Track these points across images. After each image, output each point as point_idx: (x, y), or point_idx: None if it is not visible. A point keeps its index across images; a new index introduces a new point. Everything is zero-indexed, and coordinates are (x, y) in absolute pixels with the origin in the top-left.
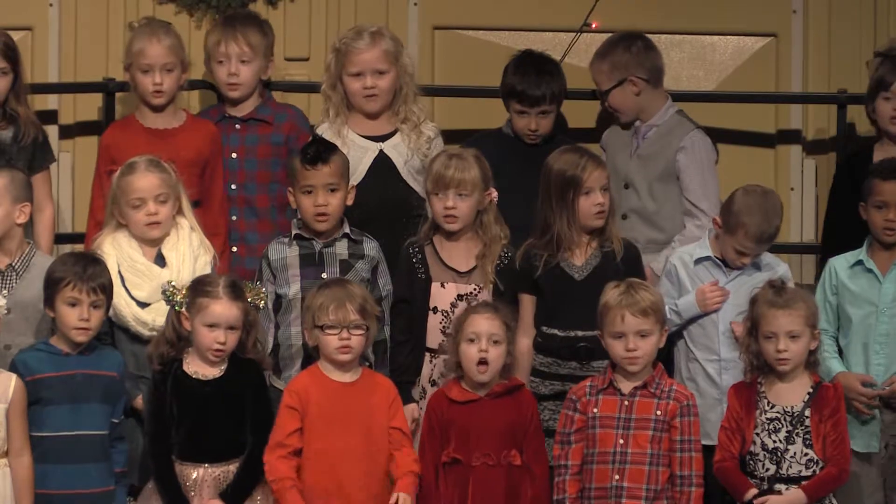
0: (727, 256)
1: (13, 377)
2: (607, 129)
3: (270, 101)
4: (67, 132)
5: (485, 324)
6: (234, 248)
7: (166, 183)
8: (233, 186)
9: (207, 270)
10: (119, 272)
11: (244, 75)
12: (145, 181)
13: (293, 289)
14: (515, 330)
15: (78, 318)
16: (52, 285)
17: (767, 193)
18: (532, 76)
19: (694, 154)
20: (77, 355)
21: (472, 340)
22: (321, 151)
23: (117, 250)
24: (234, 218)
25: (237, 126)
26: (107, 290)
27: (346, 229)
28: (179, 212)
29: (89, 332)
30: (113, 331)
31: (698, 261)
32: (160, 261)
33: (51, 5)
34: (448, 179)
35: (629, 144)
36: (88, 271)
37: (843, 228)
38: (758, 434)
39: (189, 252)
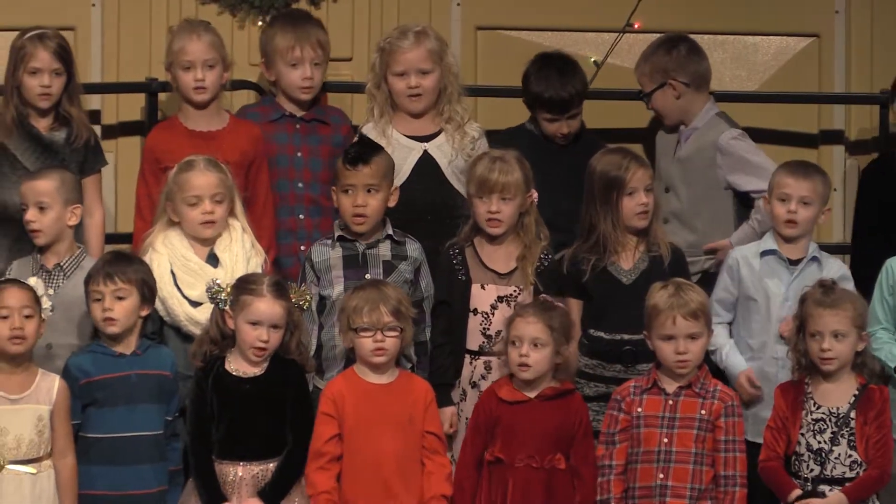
0: (777, 226)
1: (56, 378)
2: (658, 133)
3: (322, 102)
4: (110, 132)
5: (527, 328)
6: (303, 247)
7: (223, 183)
8: (300, 185)
9: (259, 272)
10: (171, 271)
11: (317, 78)
12: (203, 179)
13: (336, 290)
14: (567, 330)
15: (101, 310)
16: (85, 287)
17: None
18: (556, 81)
19: (732, 151)
20: (130, 356)
21: (514, 344)
22: (363, 152)
23: (169, 249)
24: (300, 216)
25: (298, 126)
26: (133, 280)
27: (389, 230)
28: (232, 213)
29: (117, 323)
30: (163, 330)
31: (764, 253)
32: (212, 261)
33: (93, 5)
34: (492, 183)
35: (672, 148)
36: (109, 266)
37: (871, 229)
38: (803, 434)
39: (242, 253)
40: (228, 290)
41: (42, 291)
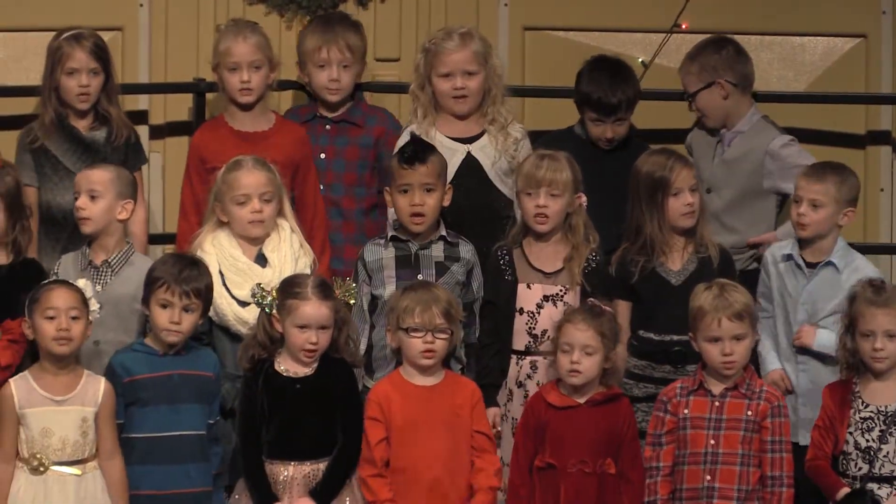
0: (794, 228)
1: (102, 380)
2: (691, 133)
3: (362, 103)
4: (158, 132)
5: (578, 335)
6: None
7: (272, 182)
8: (321, 187)
9: (307, 273)
10: (220, 271)
11: (345, 80)
12: (251, 178)
13: (388, 290)
14: (615, 334)
15: (168, 320)
16: (149, 284)
17: None
18: (606, 84)
19: (783, 157)
20: (173, 356)
21: (565, 350)
22: (419, 151)
23: (218, 249)
24: None
25: (328, 127)
26: (202, 294)
27: (443, 231)
28: (281, 213)
29: (179, 335)
30: (212, 330)
31: (785, 257)
32: (261, 261)
33: (141, 5)
34: (540, 178)
35: (713, 149)
36: (184, 274)
37: None
38: (851, 433)
39: (290, 253)
40: (274, 294)
41: (90, 293)
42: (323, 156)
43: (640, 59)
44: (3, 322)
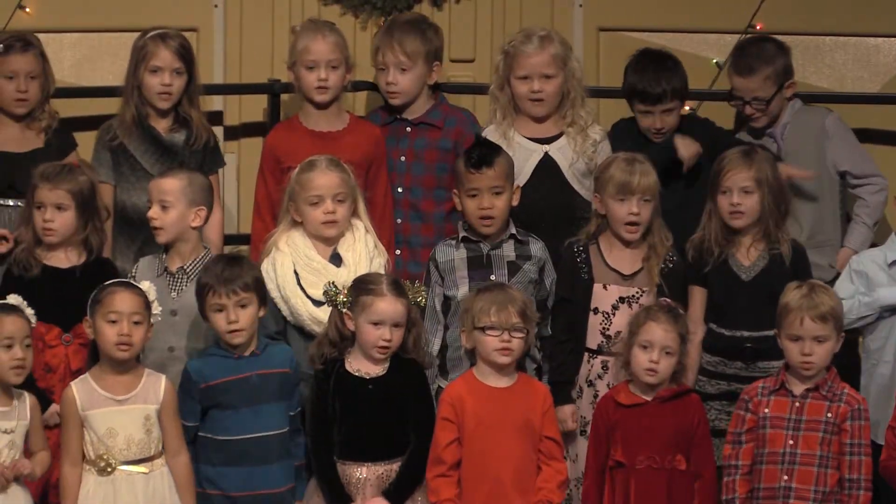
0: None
1: (162, 378)
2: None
3: (442, 105)
4: (232, 133)
5: (660, 334)
6: (398, 252)
7: (345, 183)
8: (399, 189)
9: (382, 272)
10: (294, 270)
11: (402, 84)
12: (325, 179)
13: (461, 291)
14: (685, 336)
15: (226, 321)
16: (200, 295)
17: None
18: (651, 74)
19: (837, 132)
20: (249, 356)
21: (644, 347)
22: (485, 154)
23: (292, 248)
24: (398, 221)
25: (408, 129)
26: (252, 287)
27: (513, 230)
28: (355, 213)
29: (243, 333)
30: (286, 329)
31: (892, 264)
32: (335, 260)
33: (215, 6)
34: (634, 185)
35: (767, 145)
36: (226, 273)
37: None
38: None
39: (365, 253)
40: (346, 291)
41: (153, 296)
42: (403, 158)
43: (714, 61)
44: (75, 326)
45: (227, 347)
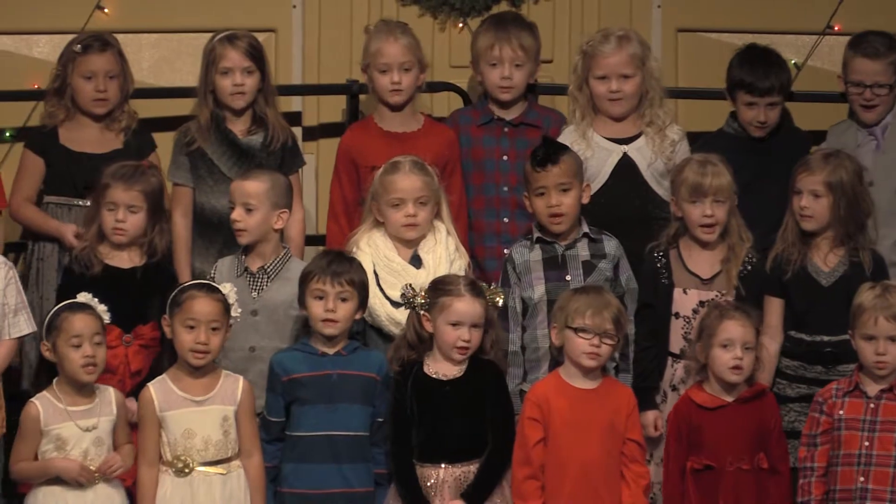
0: None
1: (240, 379)
2: (831, 128)
3: (536, 105)
4: (310, 134)
5: (740, 330)
6: (507, 251)
7: (428, 186)
8: (505, 188)
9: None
10: (374, 271)
11: (517, 79)
12: (407, 182)
13: (538, 291)
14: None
15: (324, 309)
16: (302, 282)
17: None
18: (759, 68)
19: None
20: (334, 355)
21: (725, 346)
22: (550, 152)
23: (373, 249)
24: (505, 220)
25: (506, 129)
26: (356, 284)
27: (585, 228)
28: (438, 215)
29: (337, 325)
30: (366, 330)
31: None
32: (416, 262)
33: (294, 7)
34: (707, 187)
35: (865, 144)
36: (333, 266)
37: None
38: None
39: (445, 255)
40: (424, 294)
41: (234, 299)
42: (506, 158)
43: (792, 62)
44: (136, 328)
45: (312, 344)
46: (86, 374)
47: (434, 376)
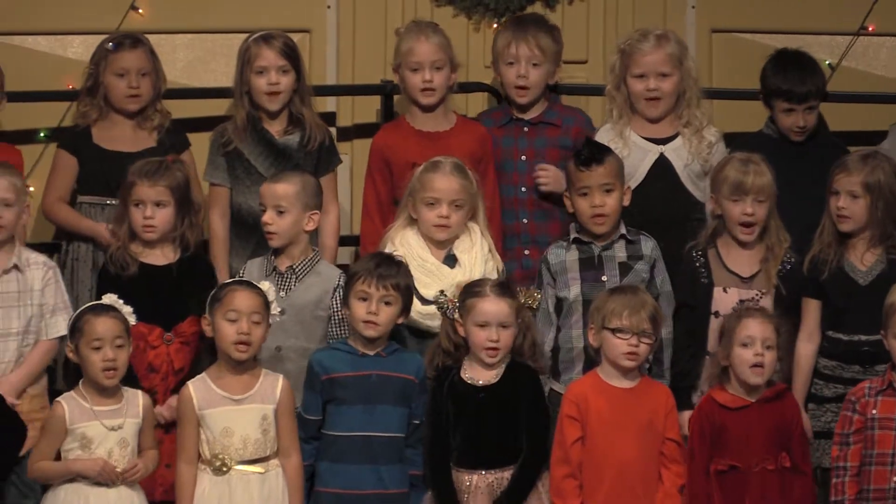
0: None
1: (280, 378)
2: (892, 126)
3: (557, 105)
4: (345, 134)
5: (759, 328)
6: (527, 251)
7: (465, 190)
8: (523, 189)
9: (494, 277)
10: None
11: (533, 77)
12: (445, 183)
13: (573, 292)
14: (785, 335)
15: (366, 311)
16: (348, 283)
17: None
18: (795, 74)
19: None
20: (374, 356)
21: (745, 345)
22: (595, 153)
23: (406, 248)
24: (524, 221)
25: (525, 129)
26: (401, 289)
27: (623, 230)
28: (473, 218)
29: (378, 328)
30: (399, 329)
31: None
32: (450, 261)
33: (328, 7)
34: (748, 186)
35: None
36: (380, 269)
37: None
38: None
39: (481, 256)
40: (454, 299)
41: (273, 297)
42: (524, 157)
43: (826, 62)
44: (176, 325)
45: (353, 344)
46: (106, 379)
47: (468, 382)
